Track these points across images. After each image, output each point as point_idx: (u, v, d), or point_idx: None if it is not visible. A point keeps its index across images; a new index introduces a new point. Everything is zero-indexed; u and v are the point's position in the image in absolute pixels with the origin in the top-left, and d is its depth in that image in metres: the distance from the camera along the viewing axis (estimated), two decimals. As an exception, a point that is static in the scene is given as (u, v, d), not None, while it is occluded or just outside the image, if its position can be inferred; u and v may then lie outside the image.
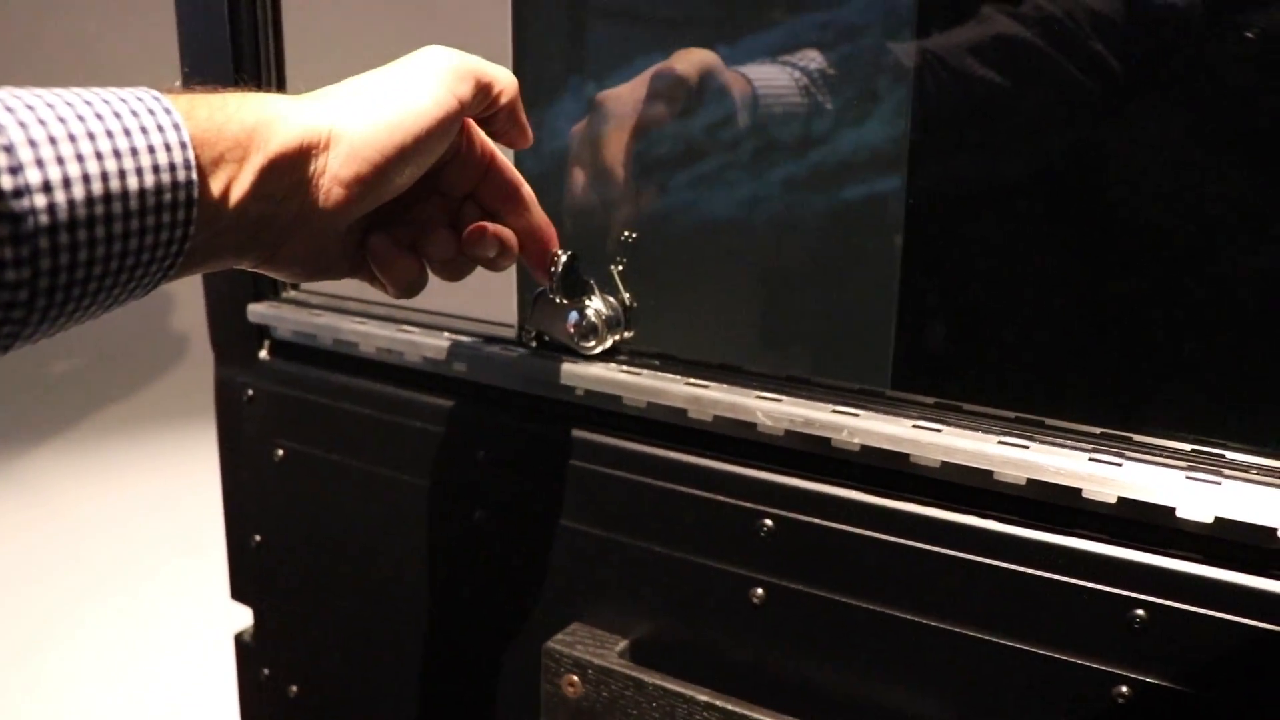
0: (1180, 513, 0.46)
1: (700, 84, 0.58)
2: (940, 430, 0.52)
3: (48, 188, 0.35)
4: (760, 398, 0.57)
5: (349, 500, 0.73)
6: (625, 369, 0.61)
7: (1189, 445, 0.49)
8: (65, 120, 0.36)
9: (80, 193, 0.36)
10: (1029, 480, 0.49)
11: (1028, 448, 0.50)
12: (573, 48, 0.62)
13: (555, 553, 0.64)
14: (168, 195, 0.39)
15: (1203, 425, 0.49)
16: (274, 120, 0.44)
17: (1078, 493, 0.48)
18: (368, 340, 0.70)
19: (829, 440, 0.54)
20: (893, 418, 0.54)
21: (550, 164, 0.63)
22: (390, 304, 0.73)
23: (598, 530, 0.62)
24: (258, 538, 0.80)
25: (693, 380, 0.59)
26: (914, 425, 0.53)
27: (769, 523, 0.56)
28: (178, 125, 0.39)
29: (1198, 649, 0.46)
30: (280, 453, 0.76)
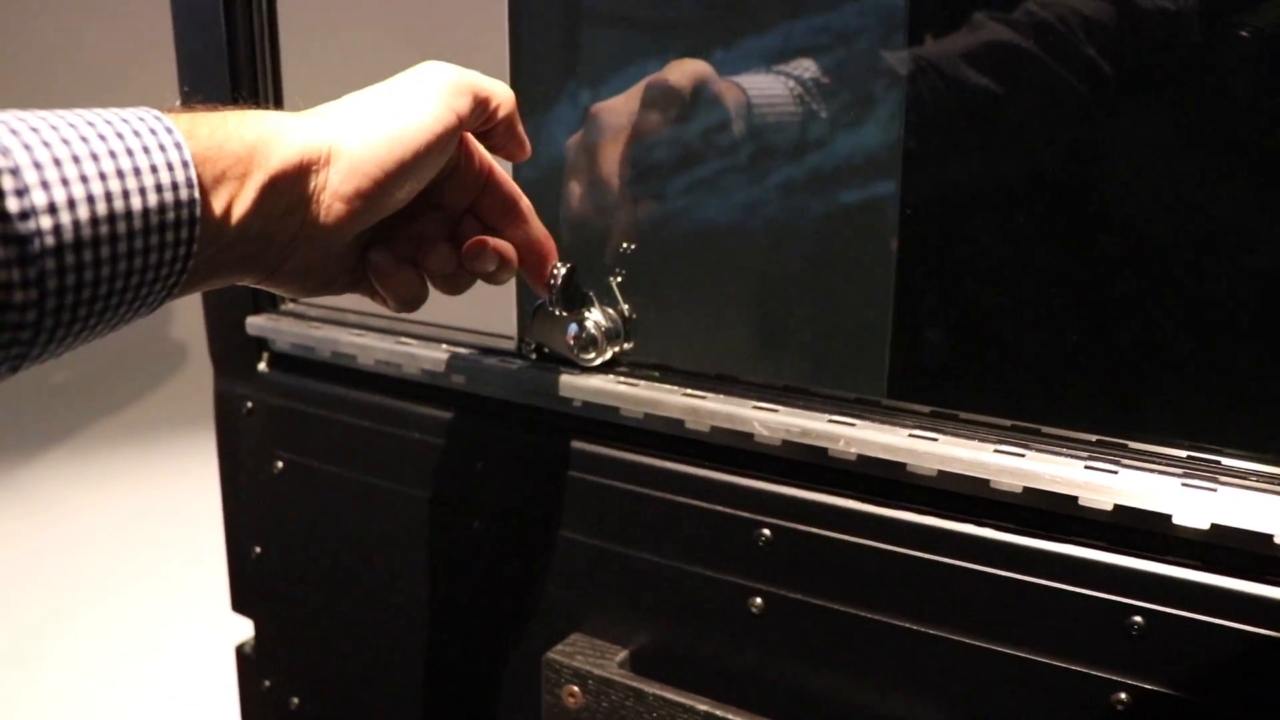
0: (1176, 519, 0.47)
1: (694, 94, 0.58)
2: (936, 439, 0.52)
3: (53, 209, 0.35)
4: (757, 408, 0.57)
5: (349, 512, 0.74)
6: (622, 380, 0.62)
7: (1185, 452, 0.49)
8: (69, 141, 0.36)
9: (85, 213, 0.36)
10: (1025, 488, 0.50)
11: (1024, 456, 0.50)
12: (569, 59, 0.63)
13: (554, 563, 0.64)
14: (170, 214, 0.39)
15: (1198, 432, 0.49)
16: (274, 137, 0.44)
17: (1074, 500, 0.49)
18: (366, 352, 0.71)
19: (826, 450, 0.54)
20: (889, 427, 0.54)
21: (546, 175, 0.63)
22: (388, 316, 0.73)
23: (597, 541, 0.62)
24: (258, 549, 0.80)
25: (690, 391, 0.59)
26: (910, 434, 0.53)
27: (767, 532, 0.56)
28: (179, 144, 0.39)
29: (1195, 655, 0.46)
30: (280, 465, 0.76)
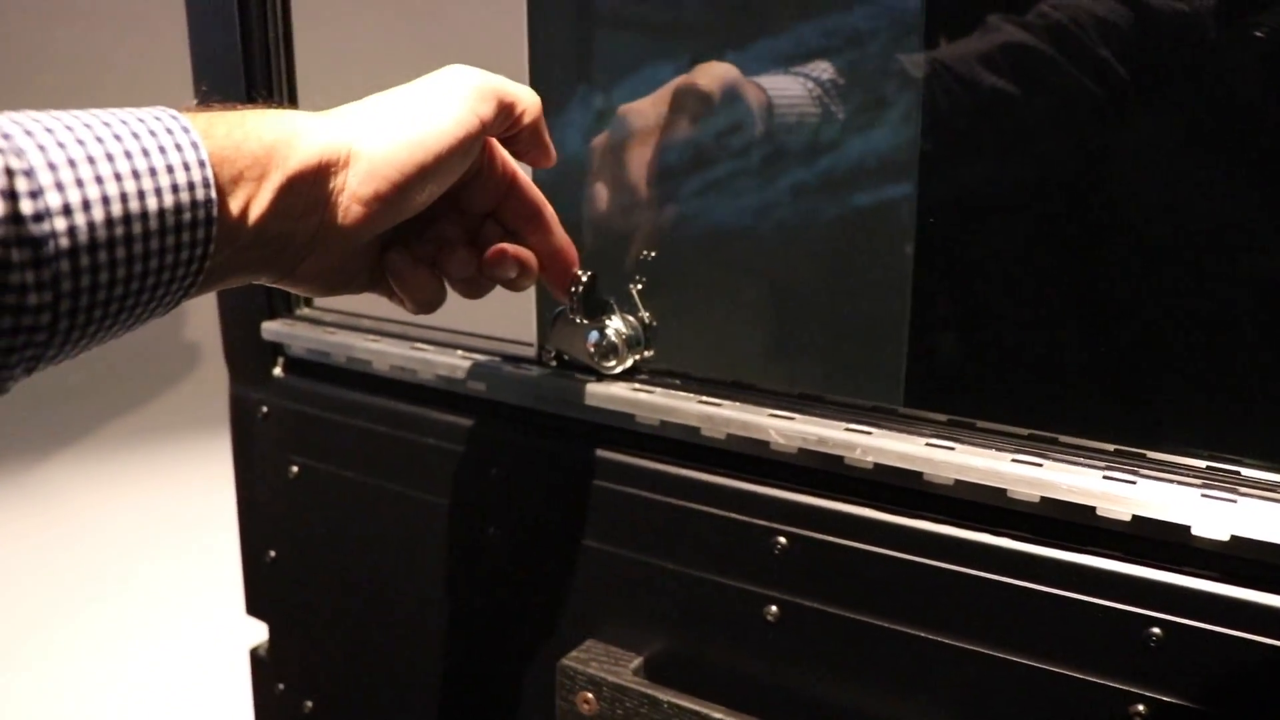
0: (1196, 531, 0.46)
1: (723, 98, 0.57)
2: (954, 448, 0.52)
3: (68, 210, 0.35)
4: (773, 416, 0.57)
5: (363, 516, 0.74)
6: (638, 387, 0.62)
7: (1204, 462, 0.49)
8: (84, 142, 0.36)
9: (100, 214, 0.35)
10: (1043, 498, 0.49)
11: (1041, 465, 0.50)
12: (590, 62, 0.62)
13: (569, 569, 0.64)
14: (187, 214, 0.39)
15: (1218, 442, 0.48)
16: (293, 137, 0.44)
17: (1092, 511, 0.48)
18: (381, 358, 0.71)
19: (842, 458, 0.54)
20: (906, 436, 0.54)
21: (566, 179, 0.63)
22: (403, 321, 0.73)
23: (611, 547, 0.62)
24: (272, 553, 0.80)
25: (706, 399, 0.59)
26: (927, 443, 0.53)
27: (783, 540, 0.56)
28: (196, 144, 0.39)
29: (1214, 667, 0.46)
30: (295, 469, 0.76)
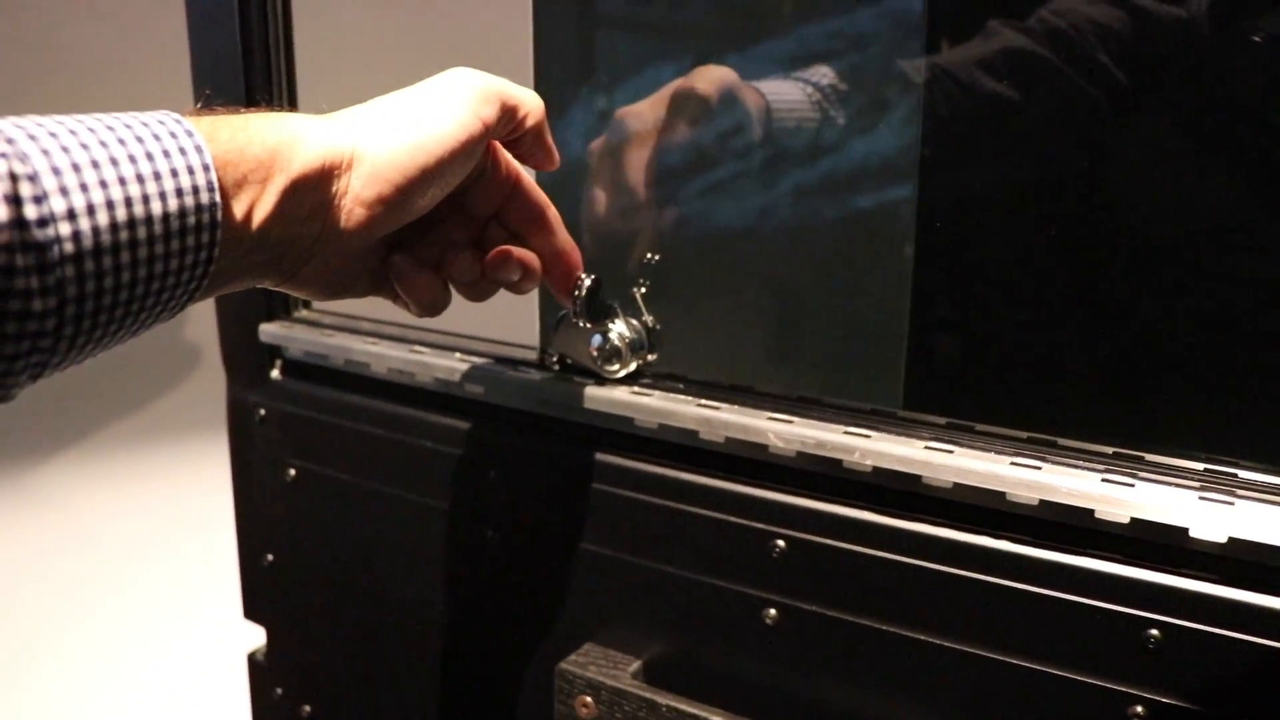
0: (1194, 533, 0.46)
1: (721, 101, 0.57)
2: (952, 451, 0.52)
3: (72, 215, 0.34)
4: (772, 419, 0.57)
5: (361, 520, 0.74)
6: (636, 391, 0.62)
7: (1202, 465, 0.49)
8: (88, 146, 0.36)
9: (105, 219, 0.35)
10: (1041, 501, 0.49)
11: (1040, 468, 0.50)
12: (594, 65, 0.62)
13: (567, 573, 0.64)
14: (191, 218, 0.38)
15: (1216, 445, 0.49)
16: (296, 140, 0.44)
17: (1090, 513, 0.48)
18: (379, 361, 0.71)
19: (841, 461, 0.54)
20: (904, 439, 0.54)
21: (568, 181, 0.63)
22: (402, 324, 0.73)
23: (610, 551, 0.62)
24: (270, 557, 0.80)
25: (704, 402, 0.59)
26: (926, 446, 0.53)
27: (781, 543, 0.56)
28: (199, 147, 0.39)
29: (1212, 669, 0.46)
30: (292, 472, 0.76)
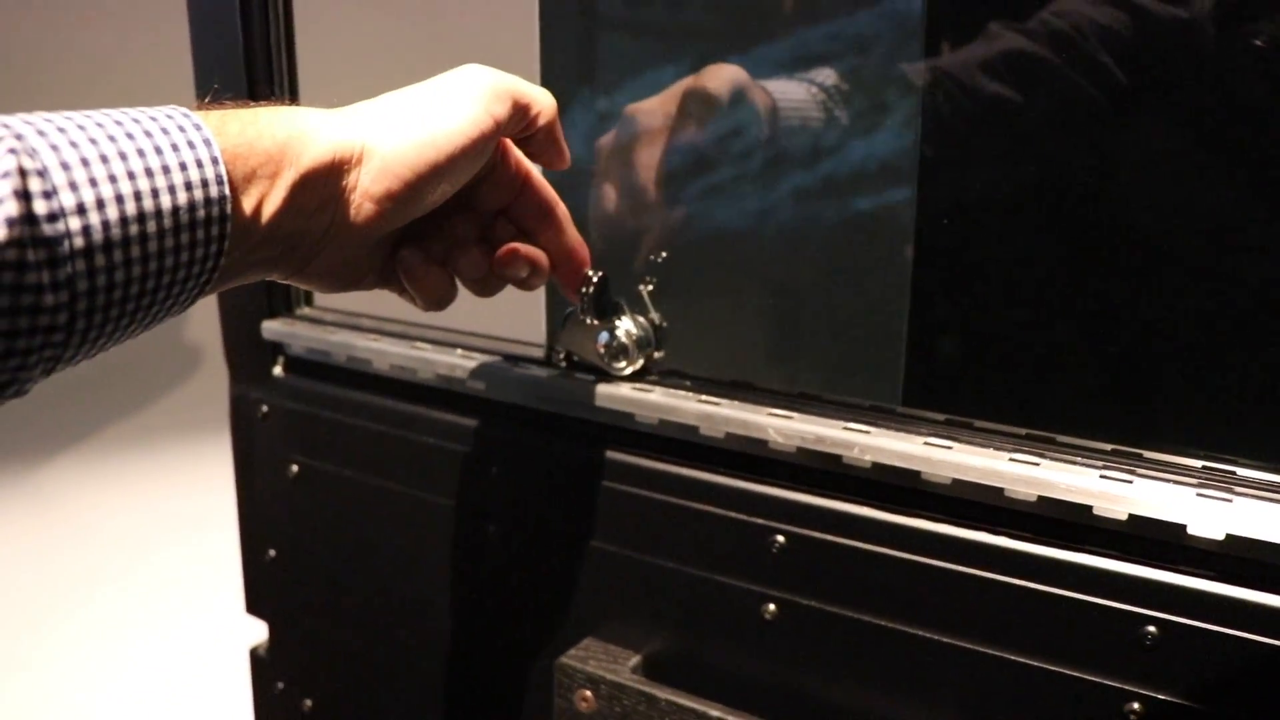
0: (1191, 530, 0.46)
1: (730, 100, 0.57)
2: (951, 447, 0.52)
3: (82, 210, 0.35)
4: (772, 415, 0.57)
5: (363, 515, 0.74)
6: (637, 386, 0.62)
7: (1199, 462, 0.49)
8: (96, 141, 0.36)
9: (114, 213, 0.35)
10: (1040, 497, 0.50)
11: (1038, 465, 0.50)
12: (603, 63, 0.62)
13: (568, 568, 0.65)
14: (201, 212, 0.39)
15: (1214, 442, 0.49)
16: (306, 135, 0.44)
17: (1089, 510, 0.49)
18: (381, 357, 0.71)
19: (840, 457, 0.55)
20: (904, 435, 0.54)
21: (576, 178, 0.62)
22: (404, 321, 0.73)
23: (610, 546, 0.63)
24: (272, 552, 0.80)
25: (704, 397, 0.60)
26: (925, 442, 0.53)
27: (781, 539, 0.57)
28: (208, 141, 0.39)
29: (1209, 666, 0.46)
30: (295, 468, 0.77)
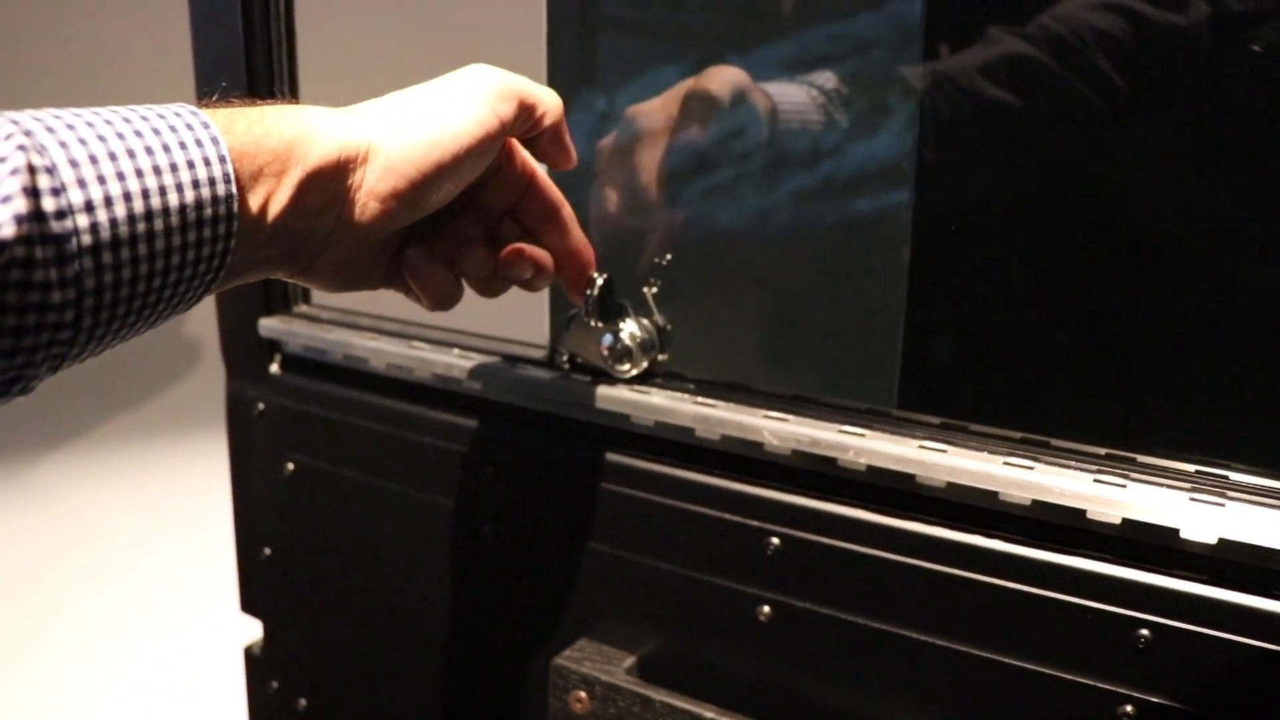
0: (1184, 534, 0.47)
1: (731, 102, 0.57)
2: (946, 451, 0.52)
3: (90, 207, 0.35)
4: (767, 417, 0.57)
5: (359, 515, 0.74)
6: (634, 388, 0.62)
7: (1193, 466, 0.49)
8: (105, 139, 0.36)
9: (122, 211, 0.35)
10: (1034, 501, 0.50)
11: (1033, 468, 0.50)
12: (609, 65, 0.62)
13: (563, 569, 0.65)
14: (208, 210, 0.39)
15: (1207, 446, 0.49)
16: (312, 134, 0.44)
17: (1082, 513, 0.49)
18: (378, 356, 0.71)
19: (835, 460, 0.55)
20: (899, 438, 0.54)
21: (583, 179, 0.62)
22: (401, 320, 0.73)
23: (605, 547, 0.63)
24: (268, 551, 0.80)
25: (700, 400, 0.60)
26: (920, 446, 0.53)
27: (776, 541, 0.57)
28: (216, 139, 0.39)
29: (1202, 669, 0.46)
30: (291, 467, 0.77)
